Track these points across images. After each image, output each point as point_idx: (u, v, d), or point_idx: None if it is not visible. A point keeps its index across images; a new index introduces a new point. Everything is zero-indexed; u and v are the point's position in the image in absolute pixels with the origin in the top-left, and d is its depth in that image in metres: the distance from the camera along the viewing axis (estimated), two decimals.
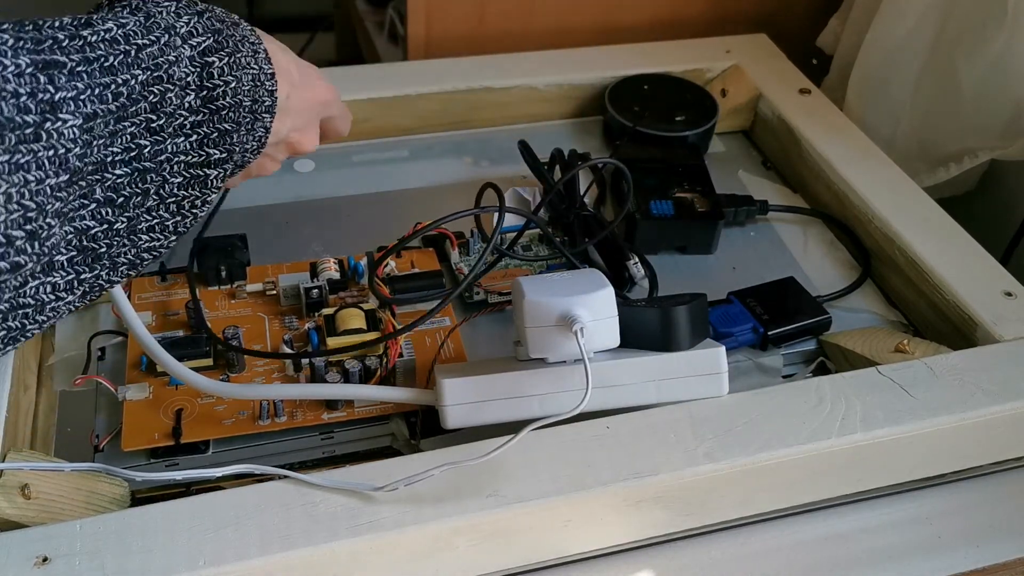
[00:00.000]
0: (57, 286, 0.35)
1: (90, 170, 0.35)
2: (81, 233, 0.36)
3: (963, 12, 0.65)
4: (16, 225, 0.32)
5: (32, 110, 0.32)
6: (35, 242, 0.33)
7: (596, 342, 0.42)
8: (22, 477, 0.40)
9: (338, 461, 0.47)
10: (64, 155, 0.33)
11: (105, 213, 0.36)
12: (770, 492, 0.45)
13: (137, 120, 0.36)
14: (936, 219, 0.58)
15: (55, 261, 0.35)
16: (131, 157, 0.36)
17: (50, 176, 0.33)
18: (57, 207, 0.34)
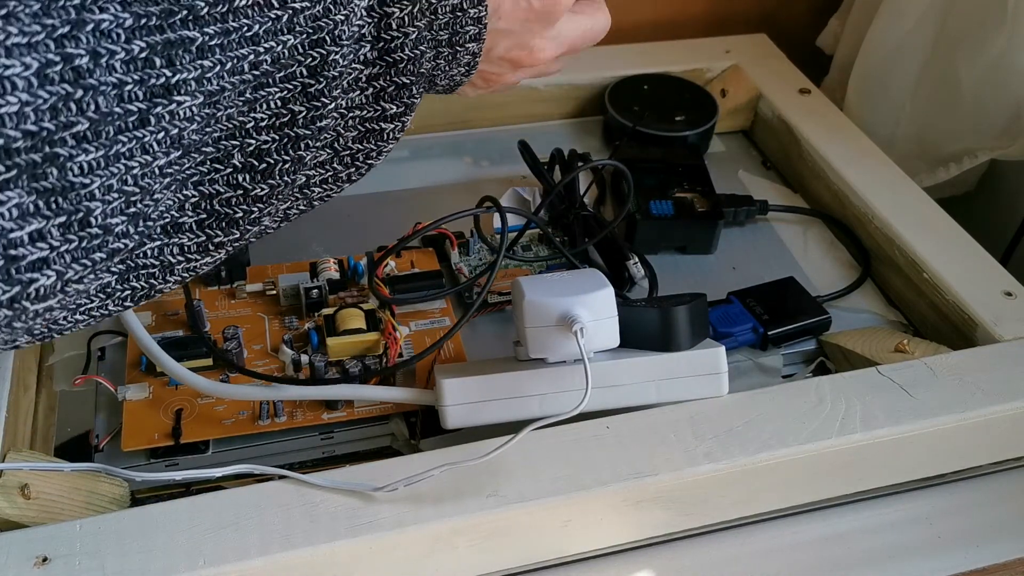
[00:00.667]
0: (186, 247, 0.35)
1: (220, 136, 0.33)
2: (211, 198, 0.34)
3: (963, 12, 0.65)
4: (117, 212, 0.31)
5: (139, 98, 0.30)
6: (139, 221, 0.32)
7: (596, 342, 0.42)
8: (22, 477, 0.40)
9: (338, 461, 0.47)
10: (177, 135, 0.31)
11: (242, 179, 0.34)
12: (770, 492, 0.45)
13: (288, 85, 0.34)
14: (936, 219, 0.58)
15: (180, 223, 0.34)
16: (281, 123, 0.34)
17: (159, 157, 0.31)
18: (167, 183, 0.32)
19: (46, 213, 0.29)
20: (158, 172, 0.31)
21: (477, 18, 0.39)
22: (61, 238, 0.29)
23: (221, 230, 0.35)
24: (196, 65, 0.31)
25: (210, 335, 0.50)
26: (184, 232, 0.34)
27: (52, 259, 0.30)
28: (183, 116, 0.31)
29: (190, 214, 0.34)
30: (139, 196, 0.31)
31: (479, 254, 0.58)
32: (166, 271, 0.35)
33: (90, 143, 0.29)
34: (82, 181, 0.29)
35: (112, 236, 0.31)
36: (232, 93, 0.32)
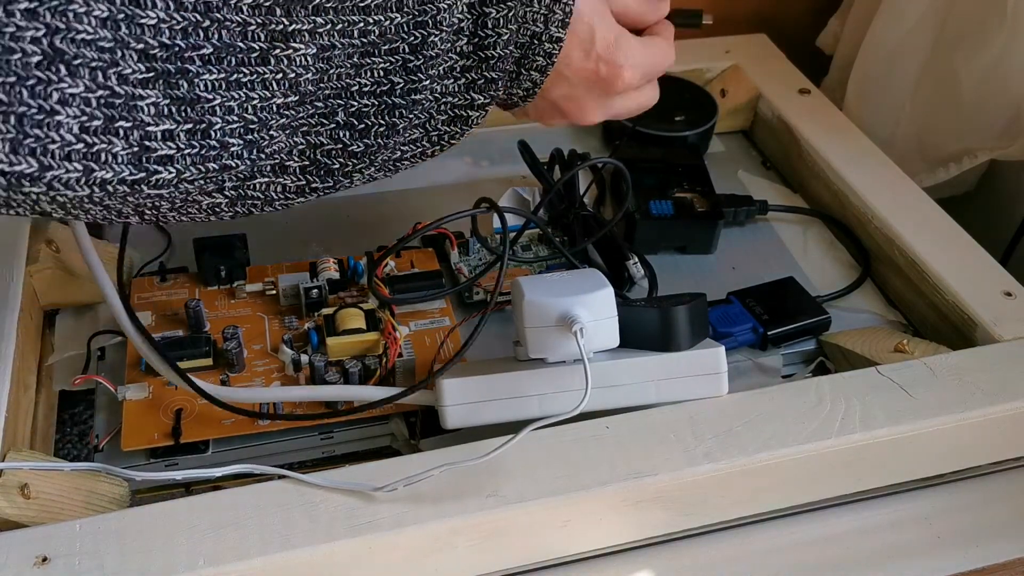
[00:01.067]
0: (287, 188, 0.40)
1: (329, 94, 0.38)
2: (315, 148, 0.39)
3: (962, 13, 0.65)
4: (235, 134, 0.36)
5: (260, 38, 0.35)
6: (253, 149, 0.37)
7: (596, 342, 0.42)
8: (22, 477, 0.40)
9: (337, 461, 0.48)
10: (295, 79, 0.36)
11: (342, 135, 0.39)
12: (769, 492, 0.45)
13: (392, 58, 0.39)
14: (936, 219, 0.58)
15: (287, 166, 0.39)
16: (382, 91, 0.39)
17: (276, 96, 0.36)
18: (283, 122, 0.37)
19: (177, 117, 0.35)
20: (275, 110, 0.36)
21: (548, 53, 0.44)
22: (186, 142, 0.35)
23: (319, 178, 0.40)
24: (311, 20, 0.36)
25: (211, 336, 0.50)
26: (289, 174, 0.40)
27: (176, 158, 0.35)
28: (299, 63, 0.36)
29: (296, 159, 0.39)
30: (256, 126, 0.36)
31: (479, 254, 0.58)
32: (265, 203, 0.41)
33: (214, 66, 0.35)
34: (207, 96, 0.35)
35: (228, 154, 0.36)
36: (342, 54, 0.37)
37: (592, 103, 0.49)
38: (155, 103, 0.35)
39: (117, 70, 0.34)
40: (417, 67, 0.39)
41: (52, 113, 0.32)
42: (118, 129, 0.34)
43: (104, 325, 0.53)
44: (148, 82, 0.34)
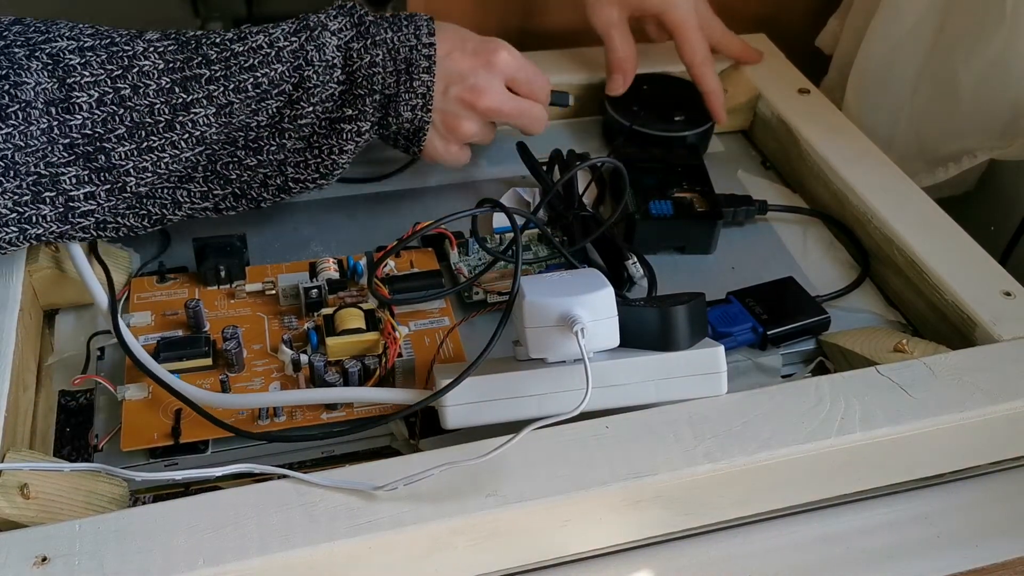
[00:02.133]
0: (192, 193, 0.50)
1: (231, 131, 0.48)
2: (214, 162, 0.49)
3: (962, 12, 0.65)
4: (146, 183, 0.47)
5: (165, 112, 0.46)
6: (158, 179, 0.48)
7: (596, 342, 0.42)
8: (21, 477, 0.40)
9: (337, 461, 0.47)
10: (200, 135, 0.47)
11: (240, 154, 0.49)
12: (769, 492, 0.45)
13: (280, 97, 0.49)
14: (935, 219, 0.58)
15: (192, 176, 0.49)
16: (273, 122, 0.49)
17: (185, 151, 0.47)
18: (191, 160, 0.48)
19: (96, 182, 0.46)
20: (183, 161, 0.47)
21: (428, 55, 0.53)
22: (105, 198, 0.46)
23: (219, 185, 0.50)
24: (205, 89, 0.47)
25: (210, 336, 0.50)
26: (193, 182, 0.50)
27: (96, 211, 0.47)
28: (202, 123, 0.47)
29: (199, 172, 0.49)
30: (165, 174, 0.47)
31: (478, 254, 0.58)
32: (176, 207, 0.50)
33: (127, 140, 0.46)
34: (122, 164, 0.46)
35: (136, 196, 0.48)
36: (240, 106, 0.48)
37: (485, 82, 0.56)
38: (76, 175, 0.45)
39: (46, 160, 0.44)
40: (300, 98, 0.49)
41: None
42: (45, 198, 0.45)
43: (104, 325, 0.53)
44: (70, 162, 0.45)
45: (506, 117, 0.59)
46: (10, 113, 0.43)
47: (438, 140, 0.58)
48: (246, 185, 0.51)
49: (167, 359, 0.48)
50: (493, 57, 0.56)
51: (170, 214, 0.51)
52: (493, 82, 0.57)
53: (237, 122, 0.48)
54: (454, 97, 0.55)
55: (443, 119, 0.56)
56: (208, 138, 0.47)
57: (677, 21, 0.65)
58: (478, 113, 0.57)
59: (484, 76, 0.56)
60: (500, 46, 0.57)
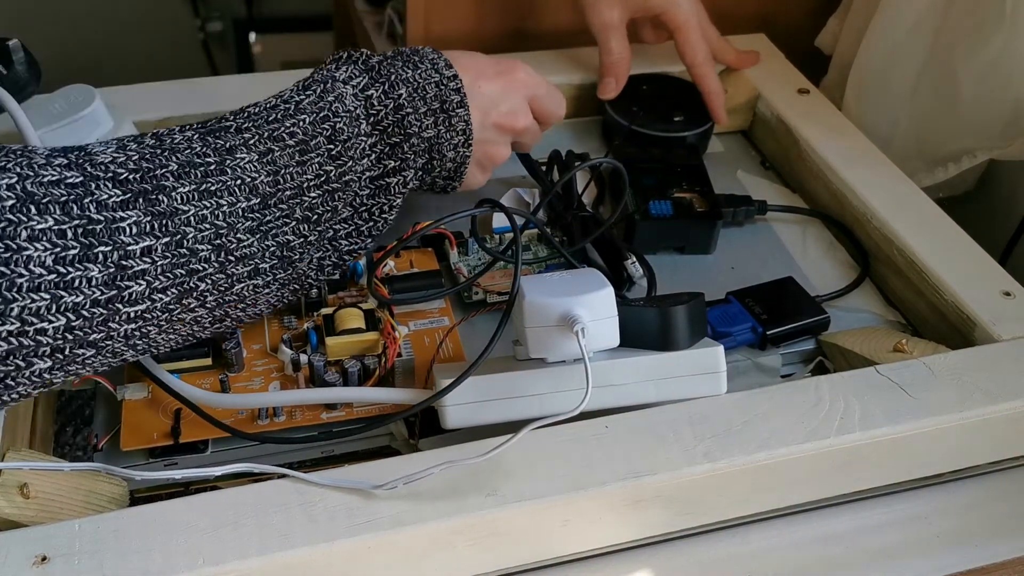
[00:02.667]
0: (258, 287, 0.44)
1: (288, 195, 0.44)
2: (283, 246, 0.44)
3: (961, 12, 0.65)
4: (205, 240, 0.40)
5: (210, 155, 0.42)
6: (221, 252, 0.41)
7: (596, 342, 0.42)
8: (21, 476, 0.40)
9: (337, 461, 0.48)
10: (251, 183, 0.42)
11: (302, 229, 0.45)
12: (768, 491, 0.45)
13: (320, 151, 0.45)
14: (935, 219, 0.58)
15: (259, 268, 0.43)
16: (321, 181, 0.45)
17: (241, 200, 0.42)
18: (250, 225, 0.42)
19: (157, 233, 0.39)
20: (241, 214, 0.42)
21: (456, 89, 0.50)
22: (161, 255, 0.39)
23: (283, 270, 0.45)
24: (241, 136, 0.44)
25: None
26: (259, 275, 0.44)
27: (148, 271, 0.39)
28: (250, 169, 0.43)
29: (267, 260, 0.44)
30: (224, 230, 0.41)
31: (478, 254, 0.58)
32: (242, 302, 0.44)
33: (185, 179, 0.41)
34: (183, 208, 0.40)
35: (196, 259, 0.40)
36: (282, 155, 0.44)
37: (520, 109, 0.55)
38: (137, 222, 0.38)
39: (93, 198, 0.38)
40: (339, 152, 0.46)
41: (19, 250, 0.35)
42: (97, 254, 0.37)
43: None
44: (127, 203, 0.38)
45: (532, 138, 0.59)
46: None
47: (478, 172, 0.56)
48: (304, 265, 0.46)
49: (167, 359, 0.48)
50: (515, 76, 0.55)
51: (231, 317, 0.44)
52: (523, 103, 0.56)
53: (287, 177, 0.44)
54: (492, 125, 0.54)
55: (483, 150, 0.54)
56: (261, 189, 0.43)
57: (679, 21, 0.66)
58: (514, 135, 0.56)
59: (515, 98, 0.55)
60: (518, 65, 0.56)
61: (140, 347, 0.41)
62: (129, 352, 0.41)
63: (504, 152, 0.56)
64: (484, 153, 0.55)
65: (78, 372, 0.39)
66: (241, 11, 1.57)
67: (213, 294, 0.42)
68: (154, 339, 0.41)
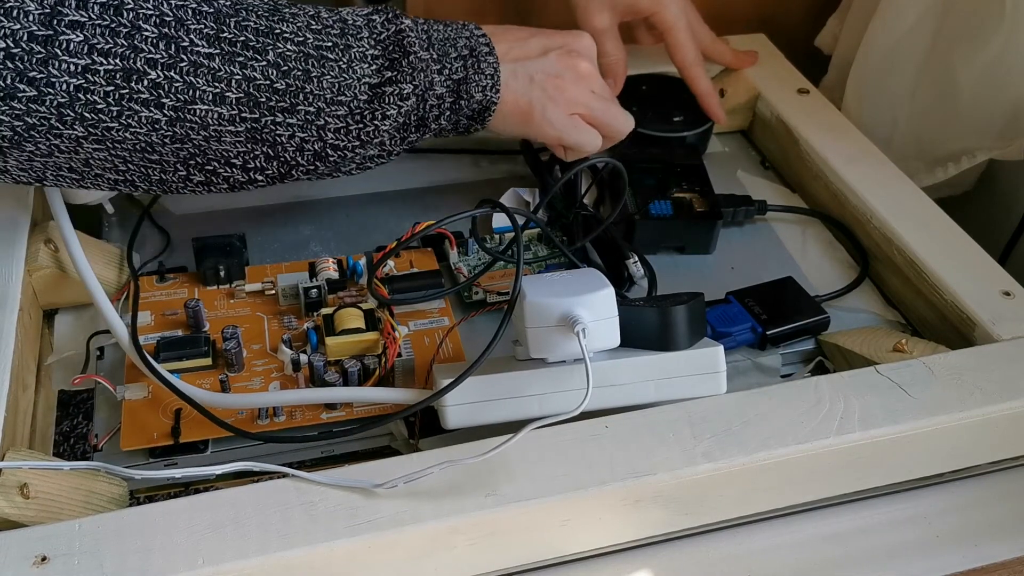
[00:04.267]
0: (222, 117, 0.44)
1: (252, 26, 0.44)
2: (250, 82, 0.44)
3: (961, 12, 0.65)
4: (149, 21, 0.41)
5: None
6: (171, 46, 0.42)
7: (597, 342, 0.42)
8: (21, 476, 0.40)
9: (337, 461, 0.48)
10: None
11: (271, 74, 0.44)
12: (768, 491, 0.45)
13: (298, 19, 0.46)
14: (934, 219, 0.58)
15: (225, 96, 0.43)
16: (299, 41, 0.45)
17: (190, 2, 0.42)
18: (203, 30, 0.43)
19: None
20: (190, 13, 0.42)
21: (486, 43, 0.52)
22: (98, 13, 0.40)
23: (248, 108, 0.44)
24: None
25: (210, 336, 0.50)
26: (225, 104, 0.44)
27: (86, 25, 0.40)
28: None
29: (234, 90, 0.44)
30: (172, 22, 0.42)
31: (478, 254, 0.58)
32: (201, 127, 0.44)
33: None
34: None
35: (140, 37, 0.41)
36: None
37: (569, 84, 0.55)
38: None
39: None
40: (323, 30, 0.46)
41: None
42: None
43: (103, 325, 0.52)
44: None
45: (600, 89, 0.57)
46: None
47: (547, 100, 0.54)
48: (281, 131, 0.46)
49: (167, 359, 0.48)
50: (576, 35, 0.57)
51: (193, 140, 0.44)
52: (591, 52, 0.57)
53: (251, 9, 0.45)
54: (554, 57, 0.55)
55: (552, 80, 0.54)
56: (216, 4, 0.43)
57: (668, 23, 0.65)
58: (579, 75, 0.56)
59: (577, 42, 0.56)
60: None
61: (91, 128, 0.42)
62: (79, 130, 0.41)
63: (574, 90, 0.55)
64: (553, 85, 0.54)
65: (36, 145, 0.41)
66: None
67: (169, 96, 0.42)
68: (107, 125, 0.42)
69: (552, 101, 0.54)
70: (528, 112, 0.53)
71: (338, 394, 0.47)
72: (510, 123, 0.54)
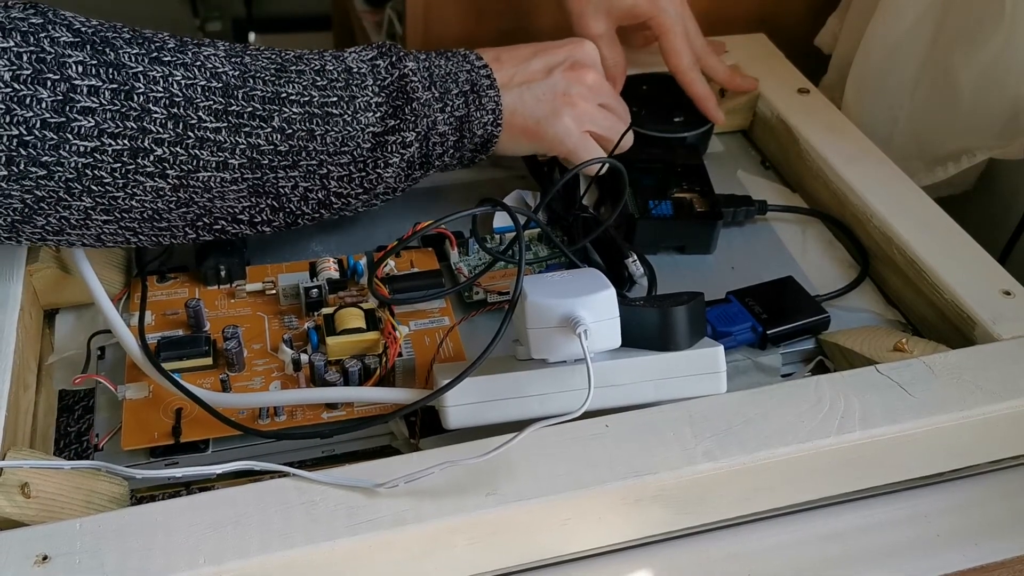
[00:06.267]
0: (225, 180, 0.46)
1: (258, 95, 0.46)
2: (254, 148, 0.45)
3: (961, 11, 0.65)
4: (159, 103, 0.43)
5: (168, 41, 0.45)
6: (179, 124, 0.43)
7: (598, 343, 0.42)
8: (22, 476, 0.40)
9: (337, 460, 0.48)
10: (213, 69, 0.45)
11: (275, 139, 0.46)
12: (769, 491, 0.45)
13: (304, 78, 0.47)
14: (934, 218, 0.58)
15: (228, 163, 0.45)
16: (304, 101, 0.47)
17: (199, 79, 0.44)
18: (212, 107, 0.44)
19: (102, 77, 0.42)
20: (199, 91, 0.44)
21: (487, 75, 0.53)
22: (109, 99, 0.42)
23: (250, 170, 0.46)
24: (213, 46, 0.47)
25: (211, 336, 0.51)
26: (228, 170, 0.46)
27: (97, 111, 0.41)
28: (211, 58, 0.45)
29: (237, 157, 0.45)
30: (181, 101, 0.43)
31: (478, 254, 0.58)
32: (205, 191, 0.46)
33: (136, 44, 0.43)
34: (131, 64, 0.43)
35: (149, 118, 0.43)
36: (254, 63, 0.47)
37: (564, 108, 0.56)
38: (82, 61, 0.41)
39: (48, 34, 0.41)
40: (328, 86, 0.48)
41: None
42: (46, 80, 0.41)
43: (104, 324, 0.52)
44: (75, 45, 0.42)
45: (608, 97, 0.59)
46: None
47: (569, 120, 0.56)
48: (285, 185, 0.48)
49: (168, 359, 0.48)
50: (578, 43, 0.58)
51: (197, 204, 0.46)
52: (595, 60, 0.58)
53: (261, 81, 0.46)
54: (560, 75, 0.55)
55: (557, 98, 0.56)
56: (224, 79, 0.45)
57: (665, 27, 0.65)
58: (587, 88, 0.57)
59: (581, 52, 0.57)
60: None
61: (99, 198, 0.43)
62: (87, 201, 0.43)
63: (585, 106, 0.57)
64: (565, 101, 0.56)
65: (47, 218, 0.43)
66: (240, 11, 1.57)
67: (174, 168, 0.44)
68: (113, 195, 0.43)
69: (563, 119, 0.55)
70: (539, 132, 0.55)
71: (338, 394, 0.47)
72: (522, 145, 0.56)
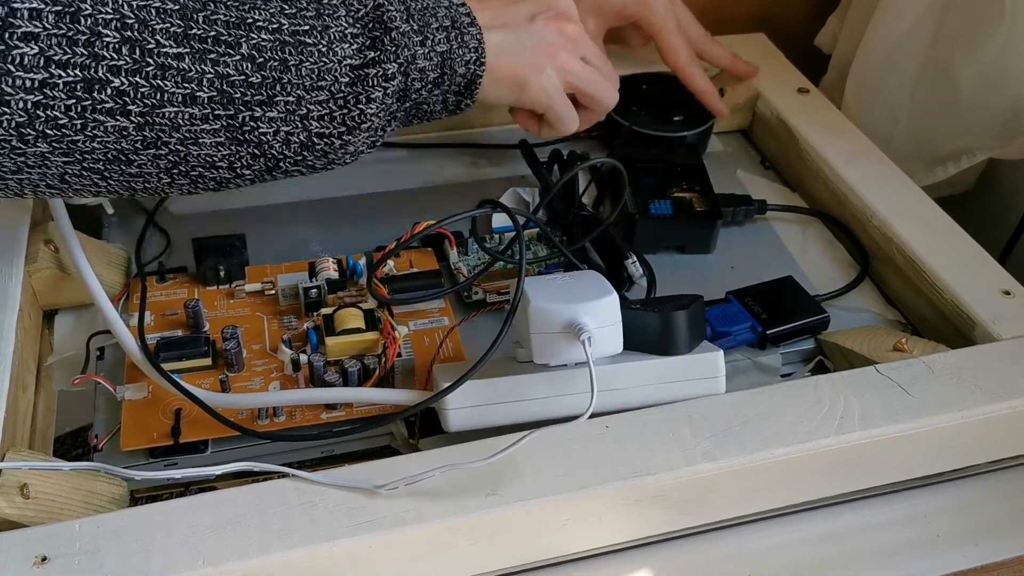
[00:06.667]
0: (195, 116, 0.41)
1: (222, 19, 0.42)
2: (223, 79, 0.41)
3: (961, 11, 0.65)
4: (109, 25, 0.38)
5: None
6: (135, 49, 0.39)
7: (601, 349, 0.42)
8: (21, 477, 0.40)
9: (337, 461, 0.48)
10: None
11: (245, 67, 0.42)
12: (768, 491, 0.45)
13: (271, 5, 0.43)
14: (934, 218, 0.58)
15: (196, 96, 0.41)
16: (272, 28, 0.43)
17: (153, 1, 0.39)
18: (169, 29, 0.40)
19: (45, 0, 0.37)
20: (154, 13, 0.39)
21: (467, 12, 0.49)
22: (53, 23, 0.37)
23: (221, 106, 0.42)
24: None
25: (210, 336, 0.50)
26: (196, 104, 0.41)
27: (41, 36, 0.37)
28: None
29: (206, 89, 0.41)
30: (134, 24, 0.39)
31: (478, 254, 0.58)
32: (174, 130, 0.41)
33: None
34: None
35: (101, 43, 0.38)
36: None
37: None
38: None
39: None
40: (297, 14, 0.44)
41: None
42: None
43: (103, 325, 0.52)
44: None
45: (589, 51, 0.56)
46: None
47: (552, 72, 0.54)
48: (263, 126, 0.44)
49: (167, 359, 0.48)
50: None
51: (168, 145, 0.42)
52: (575, 15, 0.55)
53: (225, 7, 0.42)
54: (542, 23, 0.53)
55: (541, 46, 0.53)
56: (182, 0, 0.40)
57: (656, 25, 0.65)
58: (568, 39, 0.54)
59: (562, 3, 0.54)
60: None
61: (56, 143, 0.39)
62: (43, 146, 0.39)
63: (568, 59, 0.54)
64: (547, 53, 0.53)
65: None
66: None
67: (136, 103, 0.40)
68: (72, 139, 0.39)
69: (545, 67, 0.53)
70: (522, 79, 0.52)
71: (338, 394, 0.47)
72: (503, 91, 0.53)
